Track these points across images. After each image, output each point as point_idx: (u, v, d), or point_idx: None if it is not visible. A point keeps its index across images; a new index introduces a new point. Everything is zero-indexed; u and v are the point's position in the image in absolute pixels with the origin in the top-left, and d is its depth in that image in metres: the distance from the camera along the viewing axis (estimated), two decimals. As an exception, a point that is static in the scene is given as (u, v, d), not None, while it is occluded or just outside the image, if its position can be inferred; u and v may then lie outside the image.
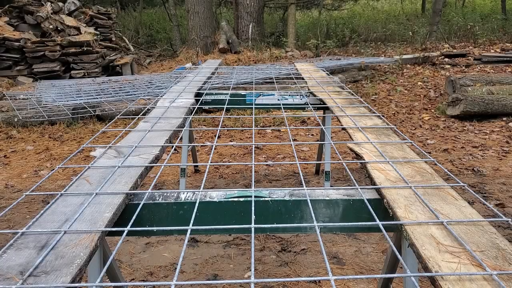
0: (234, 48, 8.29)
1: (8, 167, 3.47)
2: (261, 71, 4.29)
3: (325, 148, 2.60)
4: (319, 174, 3.15)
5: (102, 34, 7.30)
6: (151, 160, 1.21)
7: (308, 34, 9.86)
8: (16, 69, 6.11)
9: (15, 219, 2.56)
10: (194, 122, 4.50)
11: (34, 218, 0.86)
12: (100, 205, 0.93)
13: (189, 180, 3.13)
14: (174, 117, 1.68)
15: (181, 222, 0.99)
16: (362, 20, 11.41)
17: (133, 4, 12.98)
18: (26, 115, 4.39)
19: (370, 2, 14.38)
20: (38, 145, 3.95)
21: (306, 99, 2.24)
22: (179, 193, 1.05)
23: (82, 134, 4.26)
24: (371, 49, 8.63)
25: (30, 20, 6.46)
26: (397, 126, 4.25)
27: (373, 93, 5.56)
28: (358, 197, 1.01)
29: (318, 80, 2.55)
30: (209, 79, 2.79)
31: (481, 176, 3.04)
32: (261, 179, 3.10)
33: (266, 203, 1.01)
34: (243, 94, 2.36)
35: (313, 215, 0.87)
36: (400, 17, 11.43)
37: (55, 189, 2.94)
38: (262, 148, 3.74)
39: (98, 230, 0.81)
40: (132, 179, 1.06)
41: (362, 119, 1.63)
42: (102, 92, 4.79)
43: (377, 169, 1.13)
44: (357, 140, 1.37)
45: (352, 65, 6.39)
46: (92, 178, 1.08)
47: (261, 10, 9.08)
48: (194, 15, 8.32)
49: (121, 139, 1.42)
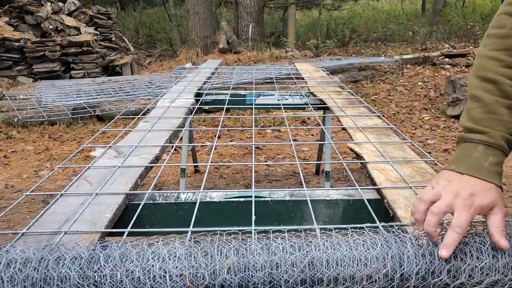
0: (234, 48, 8.29)
1: (8, 167, 3.47)
2: (261, 71, 4.29)
3: (325, 148, 2.59)
4: (319, 174, 3.15)
5: (102, 34, 7.29)
6: (151, 160, 1.20)
7: (308, 34, 9.87)
8: (16, 69, 6.11)
9: (15, 219, 2.56)
10: (194, 122, 4.50)
11: (35, 219, 0.86)
12: (100, 205, 0.93)
13: (189, 180, 3.13)
14: (174, 117, 1.68)
15: (181, 222, 0.99)
16: (362, 20, 11.42)
17: (133, 4, 12.98)
18: (26, 115, 4.39)
19: (370, 2, 14.39)
20: (38, 145, 3.95)
21: (306, 99, 2.24)
22: (179, 194, 1.05)
23: (82, 134, 4.26)
24: (371, 49, 8.63)
25: (30, 20, 6.46)
26: (397, 126, 4.25)
27: (373, 93, 5.56)
28: (358, 197, 1.01)
29: (318, 80, 2.55)
30: (209, 79, 2.79)
31: (481, 176, 3.03)
32: (261, 179, 3.10)
33: (266, 203, 1.01)
34: (243, 94, 2.36)
35: (313, 215, 0.87)
36: (400, 17, 11.42)
37: (55, 189, 2.94)
38: (262, 148, 3.74)
39: (98, 231, 0.81)
40: (132, 179, 1.06)
41: (362, 119, 1.63)
42: (102, 92, 4.79)
43: (377, 169, 1.13)
44: (357, 140, 1.37)
45: (352, 65, 6.39)
46: (92, 178, 1.08)
47: (261, 10, 9.08)
48: (194, 15, 8.32)
49: (121, 139, 1.42)
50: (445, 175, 0.66)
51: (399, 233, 0.65)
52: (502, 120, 0.66)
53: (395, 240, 0.63)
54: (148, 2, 14.20)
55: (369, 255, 0.60)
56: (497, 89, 0.67)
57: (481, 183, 0.63)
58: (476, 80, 0.70)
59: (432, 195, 0.64)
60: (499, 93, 0.67)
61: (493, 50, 0.69)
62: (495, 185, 0.63)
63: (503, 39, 0.69)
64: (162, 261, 0.60)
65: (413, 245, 0.62)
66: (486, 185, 0.63)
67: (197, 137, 4.12)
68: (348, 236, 0.64)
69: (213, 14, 9.35)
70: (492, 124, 0.66)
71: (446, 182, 0.65)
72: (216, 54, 8.09)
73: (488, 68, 0.69)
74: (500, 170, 0.65)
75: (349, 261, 0.59)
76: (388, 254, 0.60)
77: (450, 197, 0.62)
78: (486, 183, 0.63)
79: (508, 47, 0.68)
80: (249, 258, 0.59)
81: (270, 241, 0.62)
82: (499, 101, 0.66)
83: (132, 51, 8.23)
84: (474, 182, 0.63)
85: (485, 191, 0.62)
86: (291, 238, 0.64)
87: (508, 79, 0.67)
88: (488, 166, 0.64)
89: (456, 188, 0.63)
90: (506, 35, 0.69)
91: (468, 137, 0.67)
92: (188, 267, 0.59)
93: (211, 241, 0.64)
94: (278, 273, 0.58)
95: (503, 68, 0.67)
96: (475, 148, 0.66)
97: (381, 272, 0.59)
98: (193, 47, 8.26)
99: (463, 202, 0.61)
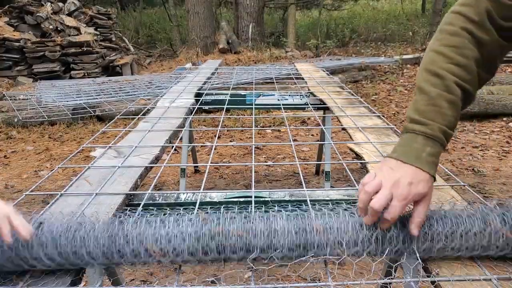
0: (234, 48, 8.29)
1: (8, 167, 3.47)
2: (261, 71, 4.29)
3: (325, 148, 2.59)
4: (319, 174, 3.15)
5: (102, 34, 7.29)
6: (151, 160, 1.20)
7: (308, 34, 9.87)
8: (16, 69, 6.11)
9: (15, 219, 2.55)
10: (194, 122, 4.50)
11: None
12: (100, 205, 0.93)
13: (189, 180, 3.13)
14: (174, 117, 1.68)
15: (181, 223, 0.99)
16: (362, 20, 11.42)
17: (133, 4, 12.98)
18: (26, 115, 4.39)
19: (370, 2, 14.39)
20: (38, 146, 3.95)
21: (306, 99, 2.24)
22: (179, 194, 1.05)
23: (82, 134, 4.26)
24: (371, 49, 8.63)
25: (30, 20, 6.46)
26: (397, 126, 4.25)
27: (373, 93, 5.56)
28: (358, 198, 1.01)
29: (318, 80, 2.55)
30: (209, 79, 2.79)
31: (481, 176, 3.03)
32: (261, 180, 3.10)
33: (266, 204, 1.01)
34: (243, 94, 2.36)
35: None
36: (400, 17, 11.42)
37: (55, 190, 2.94)
38: (262, 148, 3.74)
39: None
40: (132, 180, 1.06)
41: (362, 119, 1.63)
42: (102, 92, 4.79)
43: (377, 169, 1.13)
44: (357, 140, 1.37)
45: (352, 65, 6.39)
46: (92, 178, 1.08)
47: (261, 10, 9.08)
48: (194, 15, 8.32)
49: (121, 139, 1.42)
50: (388, 163, 0.72)
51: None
52: (442, 113, 0.72)
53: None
54: (148, 2, 14.21)
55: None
56: (442, 83, 0.72)
57: (419, 173, 0.69)
58: (424, 73, 0.76)
59: (374, 186, 0.69)
60: (443, 87, 0.72)
61: (442, 45, 0.75)
62: (430, 175, 0.70)
63: (452, 36, 0.74)
64: None
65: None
66: (423, 175, 0.69)
67: (197, 137, 4.12)
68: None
69: (213, 14, 9.35)
70: (433, 116, 0.72)
71: (388, 171, 0.71)
72: (216, 54, 8.09)
73: (436, 63, 0.74)
74: (436, 161, 0.72)
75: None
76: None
77: (390, 188, 0.68)
78: (423, 173, 0.69)
79: (456, 45, 0.73)
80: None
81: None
82: (442, 95, 0.72)
83: (132, 51, 8.23)
84: (413, 171, 0.69)
85: (422, 181, 0.69)
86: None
87: (452, 75, 0.72)
88: (426, 156, 0.70)
89: (397, 176, 0.69)
90: (455, 33, 0.74)
91: (410, 128, 0.74)
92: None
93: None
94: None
95: (449, 64, 0.73)
96: (415, 138, 0.72)
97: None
98: (193, 47, 8.26)
99: (401, 192, 0.67)
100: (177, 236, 0.69)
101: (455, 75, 0.72)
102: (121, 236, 0.69)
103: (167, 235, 0.69)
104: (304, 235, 0.70)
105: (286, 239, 0.69)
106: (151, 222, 0.72)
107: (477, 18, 0.73)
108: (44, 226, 0.71)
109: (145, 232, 0.70)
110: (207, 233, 0.69)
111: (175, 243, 0.69)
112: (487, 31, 0.73)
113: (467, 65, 0.73)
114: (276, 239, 0.69)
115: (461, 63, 0.73)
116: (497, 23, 0.73)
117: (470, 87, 0.74)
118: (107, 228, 0.71)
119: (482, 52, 0.74)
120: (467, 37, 0.73)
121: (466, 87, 0.73)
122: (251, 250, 0.69)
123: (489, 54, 0.75)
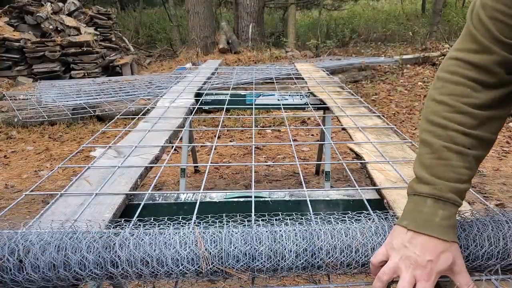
0: (234, 48, 8.28)
1: (8, 167, 3.47)
2: (261, 71, 4.28)
3: (325, 148, 2.59)
4: (319, 174, 3.15)
5: (102, 34, 7.29)
6: (151, 160, 1.20)
7: (308, 34, 9.87)
8: (16, 70, 6.11)
9: (15, 219, 2.56)
10: (194, 122, 4.50)
11: (34, 219, 0.86)
12: (100, 205, 0.93)
13: (189, 180, 3.13)
14: (174, 117, 1.68)
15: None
16: (362, 20, 11.42)
17: (133, 4, 12.99)
18: (26, 115, 4.39)
19: (370, 2, 14.39)
20: (38, 146, 3.95)
21: (306, 99, 2.24)
22: (179, 194, 1.05)
23: (82, 134, 4.26)
24: (371, 49, 8.63)
25: (30, 20, 6.46)
26: (397, 126, 4.25)
27: (373, 93, 5.56)
28: (358, 198, 1.01)
29: (318, 80, 2.55)
30: (209, 79, 2.79)
31: (481, 176, 3.03)
32: (261, 180, 3.10)
33: (266, 204, 1.01)
34: (243, 94, 2.36)
35: (312, 215, 0.87)
36: (400, 17, 11.42)
37: (55, 189, 2.94)
38: (262, 148, 3.74)
39: (98, 231, 0.81)
40: (132, 180, 1.06)
41: (362, 119, 1.63)
42: (102, 92, 4.78)
43: (377, 169, 1.13)
44: (357, 140, 1.37)
45: (352, 65, 6.39)
46: (92, 178, 1.08)
47: (261, 11, 9.08)
48: (194, 15, 8.32)
49: (121, 139, 1.42)
50: (400, 236, 0.65)
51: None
52: (451, 167, 0.65)
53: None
54: (148, 2, 14.21)
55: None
56: (446, 134, 0.66)
57: (436, 243, 0.62)
58: (426, 124, 0.70)
59: (391, 273, 0.63)
60: (448, 138, 0.66)
61: (442, 94, 0.69)
62: (450, 241, 0.63)
63: (452, 84, 0.68)
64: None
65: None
66: (441, 245, 0.62)
67: (197, 137, 4.12)
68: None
69: (213, 14, 9.35)
70: (442, 171, 0.65)
71: (402, 249, 0.64)
72: (216, 54, 8.09)
73: (438, 113, 0.68)
74: (453, 223, 0.65)
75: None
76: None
77: (410, 271, 0.62)
78: (440, 242, 0.62)
79: (456, 93, 0.67)
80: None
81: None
82: (447, 147, 0.66)
83: (132, 51, 8.23)
84: (428, 242, 0.62)
85: (442, 253, 0.62)
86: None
87: (457, 124, 0.66)
88: (439, 221, 0.63)
89: (413, 256, 0.62)
90: (454, 81, 0.68)
91: (418, 190, 0.67)
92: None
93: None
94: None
95: (451, 113, 0.67)
96: (424, 201, 0.65)
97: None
98: (193, 47, 8.26)
99: (422, 273, 0.61)
100: (167, 264, 0.68)
101: (461, 124, 0.66)
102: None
103: (158, 259, 0.68)
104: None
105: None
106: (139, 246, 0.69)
107: (480, 63, 0.66)
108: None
109: (135, 256, 0.68)
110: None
111: (167, 268, 0.68)
112: (494, 74, 0.66)
113: (472, 112, 0.66)
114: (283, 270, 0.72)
115: (464, 111, 0.66)
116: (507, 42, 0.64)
117: (481, 132, 0.67)
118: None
119: (494, 94, 0.67)
120: (470, 85, 0.67)
121: (477, 134, 0.66)
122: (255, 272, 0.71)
123: (501, 94, 0.67)
